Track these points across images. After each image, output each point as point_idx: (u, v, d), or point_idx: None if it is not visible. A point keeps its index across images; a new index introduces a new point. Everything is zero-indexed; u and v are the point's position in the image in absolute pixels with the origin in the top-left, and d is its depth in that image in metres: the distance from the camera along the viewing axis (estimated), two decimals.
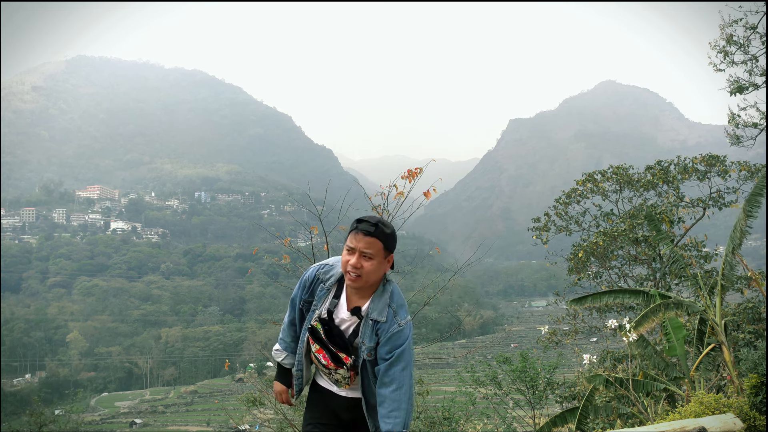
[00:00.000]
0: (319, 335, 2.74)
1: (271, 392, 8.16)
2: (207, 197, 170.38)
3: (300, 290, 2.89)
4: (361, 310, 2.71)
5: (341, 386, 2.80)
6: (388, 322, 2.67)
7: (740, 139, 9.67)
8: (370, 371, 2.71)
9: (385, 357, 2.64)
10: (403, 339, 2.65)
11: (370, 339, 2.67)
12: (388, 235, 2.65)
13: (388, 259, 2.70)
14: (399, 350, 2.63)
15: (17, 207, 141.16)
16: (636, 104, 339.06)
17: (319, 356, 2.75)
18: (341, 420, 2.88)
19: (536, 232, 14.50)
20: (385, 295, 2.72)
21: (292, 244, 5.87)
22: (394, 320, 2.68)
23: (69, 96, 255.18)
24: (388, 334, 2.65)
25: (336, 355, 2.71)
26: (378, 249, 2.62)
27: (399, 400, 2.59)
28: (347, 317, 2.74)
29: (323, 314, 2.76)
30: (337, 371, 2.74)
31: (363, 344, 2.69)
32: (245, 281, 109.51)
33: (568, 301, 7.34)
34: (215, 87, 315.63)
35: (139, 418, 62.04)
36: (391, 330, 2.65)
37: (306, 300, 2.87)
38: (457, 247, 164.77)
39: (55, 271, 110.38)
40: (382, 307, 2.69)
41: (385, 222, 2.70)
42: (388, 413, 2.58)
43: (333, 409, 2.88)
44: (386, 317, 2.67)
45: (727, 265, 5.89)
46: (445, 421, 9.72)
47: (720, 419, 3.72)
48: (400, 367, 2.62)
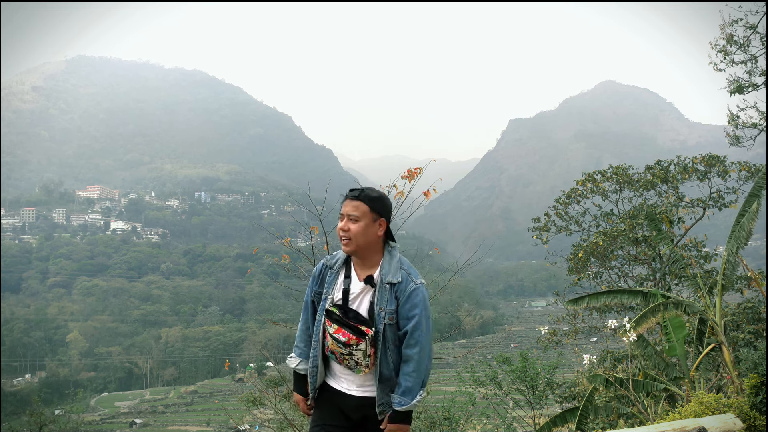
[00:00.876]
0: (336, 316, 2.76)
1: (271, 392, 8.19)
2: (207, 197, 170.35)
3: (311, 284, 2.95)
4: (373, 278, 2.77)
5: (359, 370, 2.75)
6: (404, 282, 2.73)
7: (740, 139, 9.68)
8: (390, 338, 2.73)
9: (408, 316, 2.70)
10: (421, 298, 2.71)
11: (389, 302, 2.72)
12: (374, 198, 2.74)
13: (380, 223, 2.76)
14: (419, 310, 2.70)
15: (17, 207, 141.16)
16: (636, 104, 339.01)
17: (338, 335, 2.72)
18: (350, 420, 2.85)
19: (536, 233, 14.50)
20: (394, 259, 2.79)
21: (292, 244, 5.87)
22: (409, 279, 2.74)
23: (69, 96, 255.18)
24: (407, 293, 2.71)
25: (357, 328, 2.71)
26: (363, 211, 2.71)
27: (420, 361, 2.68)
28: (361, 288, 2.79)
29: (337, 298, 2.82)
30: (358, 347, 2.70)
31: (381, 310, 2.72)
32: (245, 281, 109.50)
33: (566, 302, 7.35)
34: (215, 87, 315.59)
35: (139, 418, 62.05)
36: (409, 289, 2.71)
37: (317, 291, 2.91)
38: (457, 247, 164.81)
39: (55, 271, 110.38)
40: (394, 270, 2.76)
41: (373, 189, 2.81)
42: (410, 372, 2.69)
43: (342, 409, 2.85)
44: (401, 278, 2.74)
45: (729, 265, 5.89)
46: (445, 421, 9.72)
47: (720, 419, 3.73)
48: (422, 330, 2.69)
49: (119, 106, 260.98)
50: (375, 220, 2.74)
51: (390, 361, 2.74)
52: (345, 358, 2.74)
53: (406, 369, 2.69)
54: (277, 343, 59.26)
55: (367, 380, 2.82)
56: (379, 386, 2.75)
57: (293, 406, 7.82)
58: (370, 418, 2.79)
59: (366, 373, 2.77)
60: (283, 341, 62.08)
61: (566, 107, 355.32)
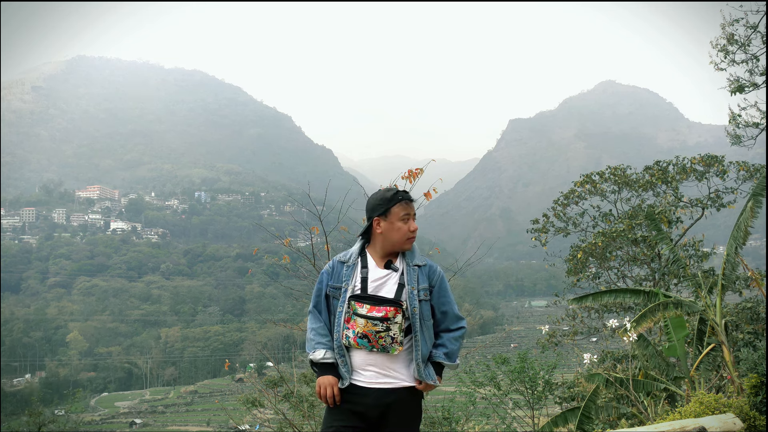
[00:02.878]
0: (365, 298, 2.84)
1: (271, 392, 8.18)
2: (207, 197, 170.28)
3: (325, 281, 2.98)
4: (392, 263, 2.94)
5: (394, 349, 2.77)
6: (431, 266, 2.97)
7: (740, 138, 9.68)
8: (425, 314, 2.88)
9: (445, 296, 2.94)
10: (444, 281, 2.97)
11: (420, 281, 2.89)
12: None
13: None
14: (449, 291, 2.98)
15: (17, 207, 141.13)
16: (636, 104, 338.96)
17: (373, 313, 2.77)
18: (366, 420, 2.80)
19: (535, 234, 14.51)
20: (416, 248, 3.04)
21: (292, 244, 5.87)
22: (434, 264, 2.98)
23: (69, 96, 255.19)
24: (438, 274, 2.95)
25: (393, 301, 2.81)
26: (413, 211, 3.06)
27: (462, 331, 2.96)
28: (382, 274, 2.91)
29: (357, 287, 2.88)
30: (395, 320, 2.76)
31: (414, 289, 2.86)
32: (245, 281, 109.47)
33: (568, 300, 7.35)
34: (215, 87, 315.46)
35: (139, 418, 62.05)
36: (438, 271, 2.97)
37: (333, 286, 2.94)
38: (457, 247, 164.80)
39: (55, 271, 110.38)
40: (417, 254, 3.00)
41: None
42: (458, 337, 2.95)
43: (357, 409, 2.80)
44: (426, 262, 2.98)
45: (728, 265, 5.88)
46: (445, 421, 9.72)
47: (720, 419, 3.73)
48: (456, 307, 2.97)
49: (119, 106, 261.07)
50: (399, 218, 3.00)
51: (427, 338, 2.88)
52: (381, 336, 2.76)
53: (454, 334, 2.93)
54: (277, 343, 59.17)
55: (395, 366, 2.84)
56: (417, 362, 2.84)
57: (293, 406, 7.81)
58: (391, 406, 2.79)
59: (399, 353, 2.81)
60: (283, 341, 62.04)
61: (566, 107, 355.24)
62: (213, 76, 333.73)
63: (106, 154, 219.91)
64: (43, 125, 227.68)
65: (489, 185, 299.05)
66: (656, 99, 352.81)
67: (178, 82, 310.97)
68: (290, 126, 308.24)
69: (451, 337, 2.93)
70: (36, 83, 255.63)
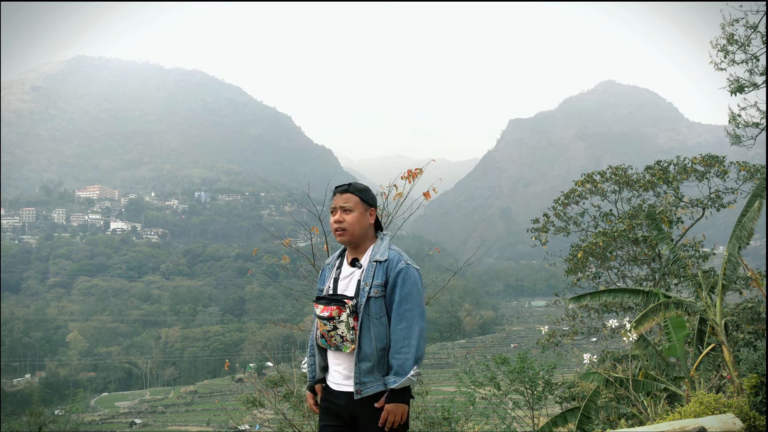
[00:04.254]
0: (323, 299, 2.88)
1: (271, 392, 8.19)
2: (207, 197, 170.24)
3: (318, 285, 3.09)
4: (358, 260, 2.89)
5: (346, 347, 2.79)
6: (393, 260, 2.83)
7: (740, 138, 9.67)
8: (374, 312, 2.77)
9: (396, 292, 2.77)
10: (411, 278, 2.78)
11: (375, 277, 2.80)
12: (363, 190, 2.93)
13: (370, 212, 2.93)
14: (408, 287, 2.76)
15: (17, 207, 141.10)
16: (636, 104, 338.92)
17: (323, 313, 2.81)
18: (342, 419, 2.86)
19: (535, 234, 14.50)
20: (383, 243, 2.92)
21: (292, 245, 5.87)
22: (400, 258, 2.84)
23: (69, 96, 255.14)
24: (396, 269, 2.79)
25: (338, 300, 2.81)
26: (355, 202, 2.88)
27: (409, 337, 2.71)
28: (349, 272, 2.90)
29: (329, 286, 2.94)
30: (340, 318, 2.77)
31: (366, 285, 2.80)
32: (245, 281, 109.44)
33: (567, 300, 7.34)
34: (215, 87, 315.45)
35: (139, 418, 62.03)
36: (399, 266, 2.80)
37: (319, 289, 3.03)
38: (457, 247, 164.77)
39: (55, 271, 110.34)
40: (382, 251, 2.87)
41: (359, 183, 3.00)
42: (399, 349, 2.71)
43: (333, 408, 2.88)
44: (390, 256, 2.84)
45: (730, 264, 5.88)
46: (445, 421, 9.72)
47: (720, 419, 3.73)
48: (409, 306, 2.74)
49: (119, 106, 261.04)
50: (366, 210, 2.91)
51: (372, 337, 2.76)
52: (332, 335, 2.80)
53: (395, 347, 2.72)
54: (277, 343, 59.16)
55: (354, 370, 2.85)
56: (357, 363, 2.76)
57: (293, 406, 7.82)
58: (358, 415, 2.78)
59: (353, 350, 2.81)
60: (283, 341, 62.03)
61: (566, 107, 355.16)
62: (213, 76, 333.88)
63: (106, 154, 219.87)
64: (43, 125, 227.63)
65: (489, 185, 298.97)
66: (656, 99, 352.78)
67: (178, 82, 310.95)
68: (290, 126, 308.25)
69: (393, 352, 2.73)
70: (36, 83, 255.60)
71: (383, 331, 2.77)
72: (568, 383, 10.96)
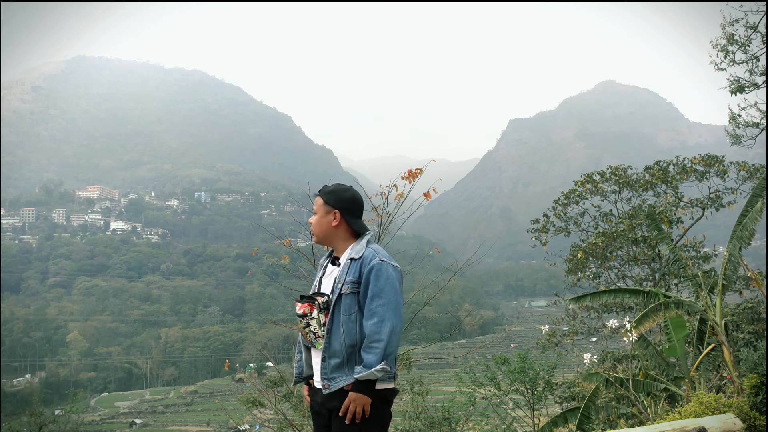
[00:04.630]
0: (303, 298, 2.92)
1: (271, 392, 8.19)
2: (207, 197, 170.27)
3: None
4: (338, 259, 2.95)
5: (319, 343, 2.84)
6: (368, 257, 2.82)
7: (740, 138, 9.67)
8: (344, 308, 2.78)
9: (369, 288, 2.75)
10: (384, 274, 2.76)
11: (347, 274, 2.81)
12: (327, 192, 2.98)
13: (333, 214, 2.94)
14: (381, 283, 2.74)
15: (17, 207, 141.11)
16: (636, 104, 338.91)
17: (299, 312, 2.87)
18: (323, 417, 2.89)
19: (535, 234, 14.50)
20: (361, 242, 2.92)
21: (292, 245, 5.88)
22: (375, 254, 2.82)
23: (69, 96, 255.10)
24: (370, 265, 2.78)
25: (310, 298, 2.87)
26: (319, 204, 2.99)
27: (379, 332, 2.67)
28: (330, 271, 2.97)
29: (315, 285, 3.02)
30: (312, 315, 2.83)
31: (339, 282, 2.82)
32: (245, 281, 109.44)
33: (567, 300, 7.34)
34: (215, 87, 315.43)
35: (139, 418, 62.04)
36: (373, 262, 2.78)
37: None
38: (457, 247, 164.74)
39: (55, 271, 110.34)
40: (359, 248, 2.89)
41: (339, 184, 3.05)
42: (368, 344, 2.69)
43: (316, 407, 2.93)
44: (365, 254, 2.84)
45: (730, 265, 5.88)
46: (445, 421, 9.72)
47: (720, 419, 3.73)
48: (382, 302, 2.71)
49: (119, 106, 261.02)
50: (328, 212, 2.95)
51: (342, 333, 2.76)
52: (306, 332, 2.86)
53: (366, 342, 2.71)
54: (277, 343, 59.02)
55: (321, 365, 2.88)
56: (327, 359, 2.79)
57: (293, 406, 7.82)
58: (332, 409, 2.79)
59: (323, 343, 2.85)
60: (283, 341, 61.95)
61: (566, 107, 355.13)
62: (213, 76, 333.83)
63: (106, 154, 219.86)
64: (43, 125, 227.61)
65: (489, 185, 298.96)
66: (656, 99, 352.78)
67: (178, 82, 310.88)
68: (290, 126, 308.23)
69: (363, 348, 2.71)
70: (36, 83, 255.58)
71: (353, 328, 2.76)
72: (568, 383, 10.96)
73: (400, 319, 2.73)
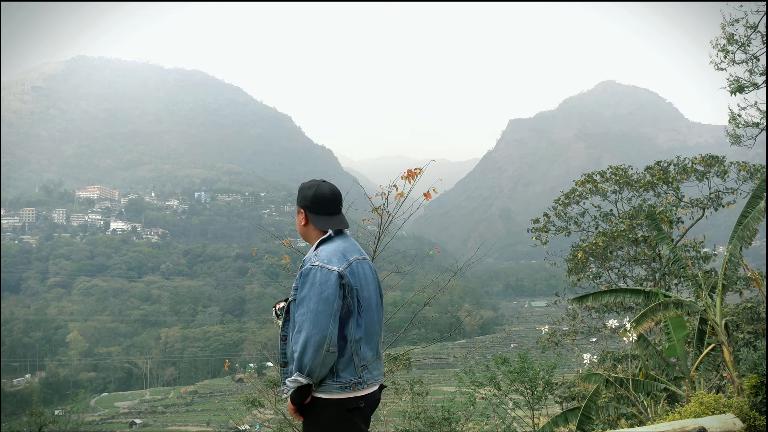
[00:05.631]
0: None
1: (271, 393, 8.19)
2: (207, 197, 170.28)
3: None
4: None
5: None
6: (306, 261, 2.74)
7: (740, 138, 9.66)
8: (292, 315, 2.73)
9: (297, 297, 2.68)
10: (309, 280, 2.64)
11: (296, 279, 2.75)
12: (298, 190, 2.94)
13: (301, 212, 2.91)
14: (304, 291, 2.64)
15: (17, 207, 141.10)
16: (636, 104, 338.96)
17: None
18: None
19: (535, 233, 14.50)
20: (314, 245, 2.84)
21: (292, 245, 5.87)
22: (310, 258, 2.73)
23: (69, 96, 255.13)
24: (300, 271, 2.71)
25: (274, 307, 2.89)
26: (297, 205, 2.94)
27: (296, 343, 2.62)
28: None
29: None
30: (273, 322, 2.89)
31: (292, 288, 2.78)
32: (245, 281, 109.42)
33: (569, 299, 7.34)
34: (215, 87, 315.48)
35: (139, 418, 62.03)
36: (303, 268, 2.70)
37: None
38: (457, 248, 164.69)
39: (55, 271, 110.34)
40: (310, 251, 2.82)
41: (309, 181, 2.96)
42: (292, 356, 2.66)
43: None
44: (306, 258, 2.77)
45: (731, 264, 5.88)
46: (445, 421, 9.72)
47: (720, 419, 3.73)
48: (302, 311, 2.62)
49: (119, 106, 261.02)
50: (298, 212, 2.93)
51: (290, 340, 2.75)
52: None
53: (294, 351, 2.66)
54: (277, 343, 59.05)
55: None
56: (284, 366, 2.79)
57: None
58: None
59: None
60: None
61: (566, 107, 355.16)
62: (213, 76, 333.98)
63: (106, 154, 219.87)
64: (43, 125, 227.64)
65: (489, 185, 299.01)
66: (656, 99, 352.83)
67: (178, 82, 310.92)
68: (290, 126, 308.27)
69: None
70: (36, 83, 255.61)
71: None
72: (568, 383, 10.96)
73: (319, 329, 2.56)
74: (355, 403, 2.70)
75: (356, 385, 2.69)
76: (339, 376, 2.67)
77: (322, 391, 2.65)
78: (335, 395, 2.66)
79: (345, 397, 2.67)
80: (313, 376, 2.59)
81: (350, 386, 2.67)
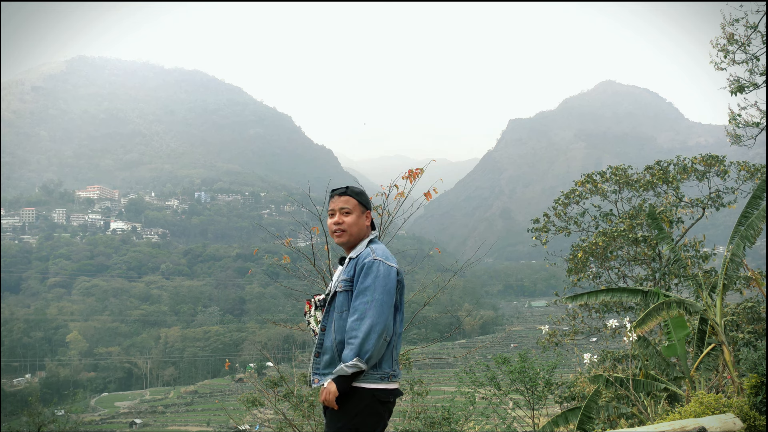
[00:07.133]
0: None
1: (271, 392, 8.20)
2: (207, 197, 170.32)
3: None
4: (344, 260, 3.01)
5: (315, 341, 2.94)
6: (363, 255, 2.87)
7: (740, 138, 9.66)
8: (338, 305, 2.84)
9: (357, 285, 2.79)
10: (373, 272, 2.78)
11: (346, 272, 2.88)
12: (359, 193, 3.03)
13: (366, 215, 3.01)
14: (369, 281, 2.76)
15: (17, 207, 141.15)
16: (636, 104, 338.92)
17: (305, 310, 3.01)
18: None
19: (536, 233, 14.50)
20: (365, 241, 2.98)
21: (292, 245, 5.88)
22: (369, 253, 2.87)
23: (69, 96, 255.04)
24: (361, 264, 2.82)
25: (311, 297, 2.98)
26: (353, 204, 2.97)
27: (357, 329, 2.68)
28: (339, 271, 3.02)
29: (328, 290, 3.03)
30: (311, 313, 2.96)
31: (337, 280, 2.92)
32: (245, 281, 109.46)
33: (564, 298, 7.34)
34: (215, 87, 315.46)
35: (139, 418, 62.04)
36: (366, 260, 2.82)
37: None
38: (457, 247, 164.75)
39: (55, 271, 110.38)
40: (361, 247, 2.95)
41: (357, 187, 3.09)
42: (346, 340, 2.72)
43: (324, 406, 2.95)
44: (362, 253, 2.90)
45: (732, 264, 5.88)
46: (445, 421, 9.72)
47: (720, 419, 3.73)
48: (365, 299, 2.72)
49: (119, 106, 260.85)
50: (363, 212, 2.99)
51: (333, 330, 2.83)
52: (308, 331, 3.01)
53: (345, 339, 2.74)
54: (277, 343, 59.13)
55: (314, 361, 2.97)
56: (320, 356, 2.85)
57: (293, 406, 7.82)
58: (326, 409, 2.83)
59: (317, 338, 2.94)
60: (283, 341, 62.02)
61: (566, 107, 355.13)
62: (213, 76, 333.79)
63: (106, 154, 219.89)
64: (43, 125, 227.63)
65: (489, 185, 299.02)
66: (656, 99, 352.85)
67: (178, 82, 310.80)
68: (290, 126, 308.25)
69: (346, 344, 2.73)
70: (36, 83, 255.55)
71: (344, 325, 2.79)
72: (568, 383, 10.96)
73: (383, 317, 2.70)
74: (388, 396, 2.79)
75: (392, 377, 2.80)
76: (380, 366, 2.77)
77: (363, 380, 2.73)
78: (375, 385, 2.74)
79: (383, 387, 2.76)
80: (370, 362, 2.70)
81: (388, 377, 2.78)
